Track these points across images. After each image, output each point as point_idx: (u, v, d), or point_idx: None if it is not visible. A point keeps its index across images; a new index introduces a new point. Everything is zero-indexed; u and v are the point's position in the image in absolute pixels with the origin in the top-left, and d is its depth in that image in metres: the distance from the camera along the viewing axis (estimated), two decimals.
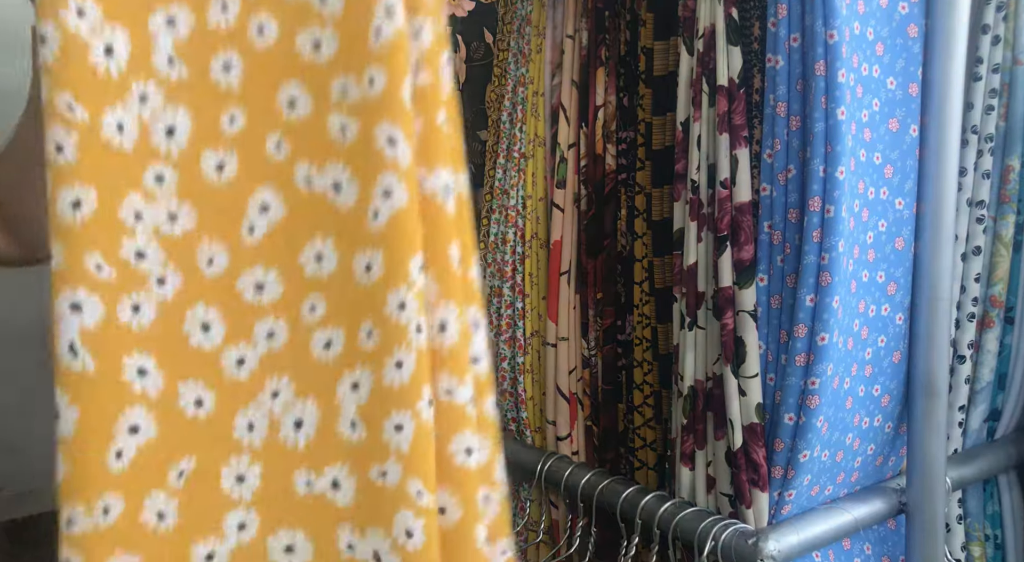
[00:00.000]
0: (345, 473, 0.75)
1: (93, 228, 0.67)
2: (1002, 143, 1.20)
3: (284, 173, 0.74)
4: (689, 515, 1.10)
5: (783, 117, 1.03)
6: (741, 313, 1.05)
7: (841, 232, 1.01)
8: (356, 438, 0.74)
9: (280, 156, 0.73)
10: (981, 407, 1.26)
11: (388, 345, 0.72)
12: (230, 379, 0.75)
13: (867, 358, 1.10)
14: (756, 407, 1.06)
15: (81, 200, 0.66)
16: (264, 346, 0.75)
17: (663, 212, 1.17)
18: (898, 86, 1.08)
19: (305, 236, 0.74)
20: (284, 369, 0.75)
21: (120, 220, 0.69)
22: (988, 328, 1.23)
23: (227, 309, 0.74)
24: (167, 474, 0.73)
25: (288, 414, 0.76)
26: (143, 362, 0.70)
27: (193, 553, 0.75)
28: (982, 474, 1.27)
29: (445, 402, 0.75)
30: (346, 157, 0.72)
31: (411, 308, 0.72)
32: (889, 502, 1.16)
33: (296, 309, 0.75)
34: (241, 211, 0.74)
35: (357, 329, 0.73)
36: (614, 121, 1.21)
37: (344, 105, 0.71)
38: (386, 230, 0.71)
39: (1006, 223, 1.21)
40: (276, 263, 0.75)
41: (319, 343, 0.75)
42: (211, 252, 0.74)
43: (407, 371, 0.72)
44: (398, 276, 0.71)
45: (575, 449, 1.29)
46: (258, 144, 0.74)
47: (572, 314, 1.27)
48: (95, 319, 0.67)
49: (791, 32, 1.02)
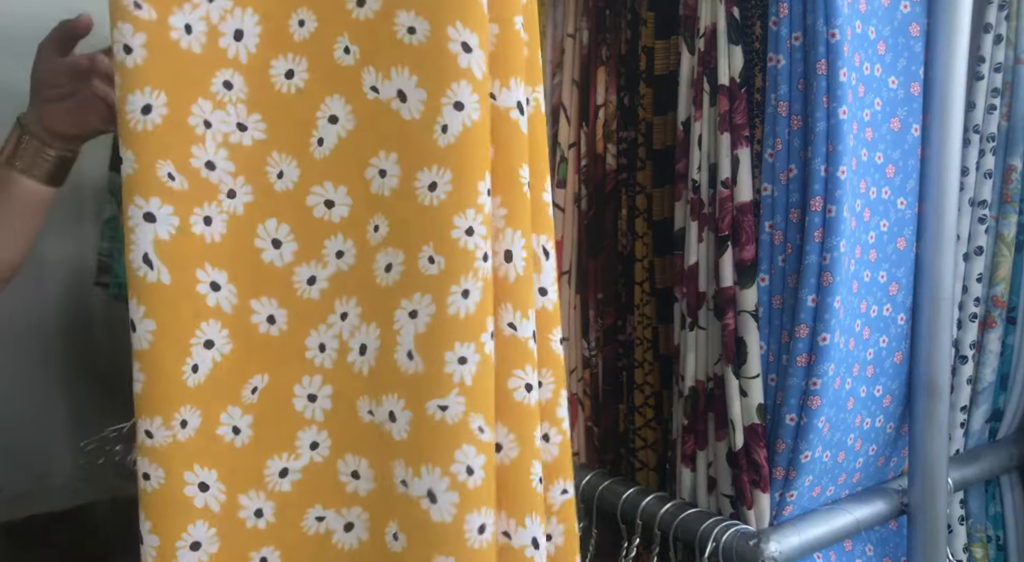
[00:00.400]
0: (401, 406, 0.71)
1: (164, 134, 0.65)
2: (1004, 143, 1.20)
3: (353, 80, 0.69)
4: (690, 516, 1.10)
5: (784, 116, 1.03)
6: (742, 313, 1.05)
7: (843, 232, 1.01)
8: (413, 370, 0.70)
9: (349, 61, 0.69)
10: (983, 407, 1.25)
11: (454, 272, 0.68)
12: (302, 298, 0.72)
13: (869, 358, 1.10)
14: (757, 408, 1.05)
15: (151, 105, 0.64)
16: (334, 266, 0.73)
17: (664, 212, 1.16)
18: (900, 85, 1.07)
19: (372, 149, 0.70)
20: (352, 291, 0.73)
21: (190, 127, 0.66)
22: (990, 328, 1.23)
23: (298, 225, 0.71)
24: (241, 390, 0.72)
25: (354, 338, 0.73)
26: (216, 276, 0.69)
27: (267, 468, 0.74)
28: (984, 475, 1.26)
29: (507, 335, 0.71)
30: (414, 62, 0.67)
31: (479, 234, 0.67)
32: (891, 503, 1.16)
33: (363, 228, 0.71)
34: (311, 121, 0.70)
35: (417, 253, 0.69)
36: (615, 121, 1.21)
37: (414, 1, 0.66)
38: (457, 145, 0.66)
39: (1008, 223, 1.21)
40: (345, 178, 0.71)
41: (381, 266, 0.71)
42: (281, 164, 0.71)
43: (473, 301, 0.68)
44: (466, 198, 0.66)
45: (576, 450, 1.29)
46: (327, 49, 0.69)
47: (573, 314, 1.27)
48: (169, 230, 0.65)
49: (792, 31, 1.01)
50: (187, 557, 0.70)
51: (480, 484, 0.69)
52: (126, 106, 0.63)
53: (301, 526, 0.76)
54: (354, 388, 0.74)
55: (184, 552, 0.70)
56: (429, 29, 0.66)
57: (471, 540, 0.69)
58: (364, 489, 0.75)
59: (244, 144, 0.69)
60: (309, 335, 0.74)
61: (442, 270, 0.68)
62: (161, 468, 0.68)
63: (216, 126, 0.68)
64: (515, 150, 0.70)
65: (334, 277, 0.73)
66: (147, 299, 0.66)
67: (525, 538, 0.73)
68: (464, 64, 0.65)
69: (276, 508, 0.75)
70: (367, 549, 0.76)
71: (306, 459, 0.75)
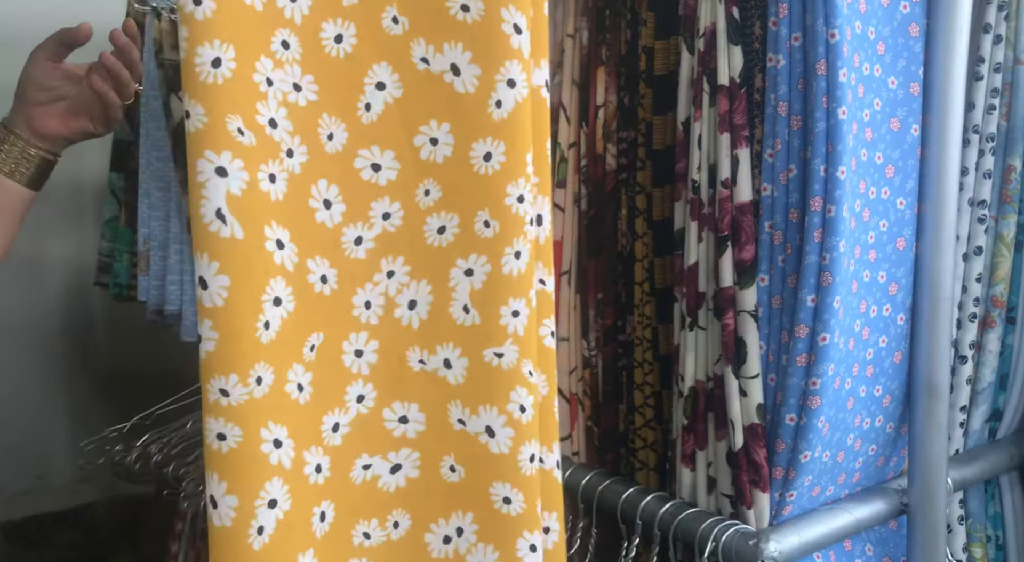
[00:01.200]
0: (457, 355, 0.78)
1: (233, 89, 0.65)
2: (1003, 143, 1.20)
3: (401, 50, 0.73)
4: (690, 516, 1.10)
5: (784, 117, 1.03)
6: (742, 313, 1.05)
7: (842, 232, 1.01)
8: (470, 322, 0.78)
9: (397, 31, 0.72)
10: (983, 407, 1.25)
11: (507, 235, 0.74)
12: (349, 257, 0.76)
13: (868, 358, 1.10)
14: (757, 408, 1.05)
15: (220, 58, 0.64)
16: (380, 227, 0.77)
17: (664, 212, 1.16)
18: (899, 85, 1.07)
19: (421, 118, 0.74)
20: (400, 250, 0.77)
21: (255, 84, 0.67)
22: (989, 328, 1.23)
23: (346, 187, 0.75)
24: (303, 348, 0.74)
25: (402, 295, 0.78)
26: (281, 234, 0.71)
27: (323, 424, 0.77)
28: (984, 475, 1.26)
29: (540, 290, 0.80)
30: (468, 39, 0.71)
31: (527, 200, 0.74)
32: (890, 503, 1.16)
33: (411, 191, 0.76)
34: (359, 86, 0.73)
35: (473, 217, 0.75)
36: (615, 121, 1.21)
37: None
38: (509, 120, 0.71)
39: (1007, 223, 1.21)
40: (392, 144, 0.75)
41: (433, 227, 0.77)
42: (331, 127, 0.74)
43: (524, 261, 0.75)
44: (518, 168, 0.73)
45: (576, 450, 1.29)
46: (375, 17, 0.72)
47: (572, 314, 1.27)
48: (240, 185, 0.66)
49: (792, 31, 1.02)
50: (265, 515, 0.71)
51: (530, 420, 0.78)
52: (195, 58, 0.64)
53: (350, 476, 0.80)
54: (403, 341, 0.79)
55: (263, 510, 0.71)
56: (484, 9, 0.71)
57: (524, 468, 0.78)
58: (414, 431, 0.80)
59: (300, 104, 0.71)
60: (356, 293, 0.77)
61: (497, 233, 0.75)
62: (238, 426, 0.69)
63: (277, 85, 0.69)
64: (543, 124, 0.76)
65: (380, 237, 0.77)
66: (221, 254, 0.66)
67: (552, 462, 0.84)
68: (515, 45, 0.70)
69: (331, 462, 0.78)
70: (418, 484, 0.81)
71: (353, 412, 0.79)
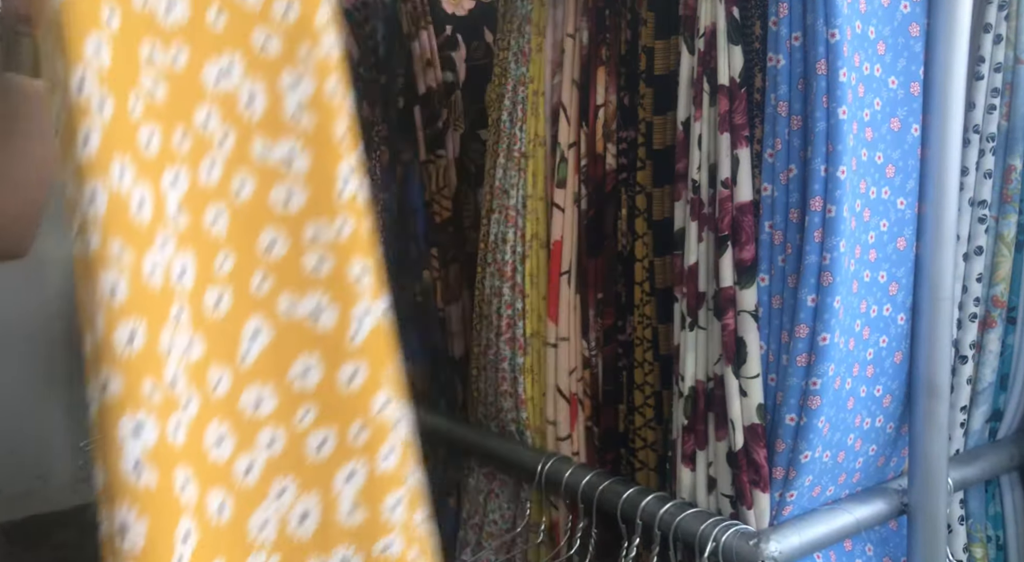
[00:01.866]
0: (352, 552, 0.88)
1: (145, 357, 0.77)
2: (1004, 142, 1.20)
3: (269, 304, 0.87)
4: (690, 516, 1.10)
5: (784, 116, 1.03)
6: (742, 313, 1.05)
7: (842, 232, 1.01)
8: (358, 520, 0.88)
9: (264, 290, 0.87)
10: (983, 407, 1.25)
11: (378, 439, 0.87)
12: (242, 485, 0.86)
13: (869, 358, 1.10)
14: (757, 408, 1.05)
15: (135, 333, 0.76)
16: (266, 452, 0.87)
17: (664, 212, 1.16)
18: (900, 85, 1.07)
19: (292, 355, 0.87)
20: (287, 470, 0.87)
21: (161, 350, 0.79)
22: (990, 328, 1.23)
23: (234, 424, 0.86)
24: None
25: (294, 510, 0.88)
26: (185, 474, 0.80)
27: None
28: (984, 475, 1.26)
29: (412, 486, 0.91)
30: (324, 287, 0.86)
31: (392, 406, 0.87)
32: (891, 503, 1.16)
33: (290, 417, 0.87)
34: (237, 338, 0.86)
35: (347, 429, 0.87)
36: (615, 120, 1.21)
37: (318, 244, 0.86)
38: (366, 345, 0.86)
39: (1008, 223, 1.21)
40: (270, 380, 0.87)
41: (313, 444, 0.88)
42: (218, 375, 0.85)
43: (394, 459, 0.87)
44: (380, 381, 0.86)
45: (576, 450, 1.29)
46: (245, 281, 0.87)
47: (572, 314, 1.27)
48: (153, 438, 0.76)
49: (792, 31, 1.01)
50: None
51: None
52: (114, 335, 0.76)
53: None
54: (302, 552, 0.88)
55: None
56: (334, 264, 0.86)
57: None
58: None
59: (192, 360, 0.83)
60: (251, 517, 0.87)
61: (368, 439, 0.86)
62: None
63: (175, 348, 0.81)
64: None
65: (268, 461, 0.87)
66: (139, 503, 0.76)
67: None
68: (364, 285, 0.85)
69: None
70: None
71: None
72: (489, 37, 1.54)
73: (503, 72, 1.33)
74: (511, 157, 1.31)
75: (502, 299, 1.32)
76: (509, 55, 1.31)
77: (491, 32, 1.52)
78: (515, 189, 1.30)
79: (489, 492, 1.40)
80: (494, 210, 1.34)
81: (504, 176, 1.32)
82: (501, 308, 1.32)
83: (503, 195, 1.32)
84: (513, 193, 1.30)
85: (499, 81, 1.34)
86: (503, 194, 1.32)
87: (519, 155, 1.30)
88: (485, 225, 1.36)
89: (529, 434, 1.33)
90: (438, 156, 1.46)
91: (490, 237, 1.34)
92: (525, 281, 1.30)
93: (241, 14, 0.83)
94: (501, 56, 1.33)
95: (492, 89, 1.36)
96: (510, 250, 1.31)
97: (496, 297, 1.33)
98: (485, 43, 1.54)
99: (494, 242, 1.33)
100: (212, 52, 0.82)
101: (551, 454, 1.29)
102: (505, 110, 1.32)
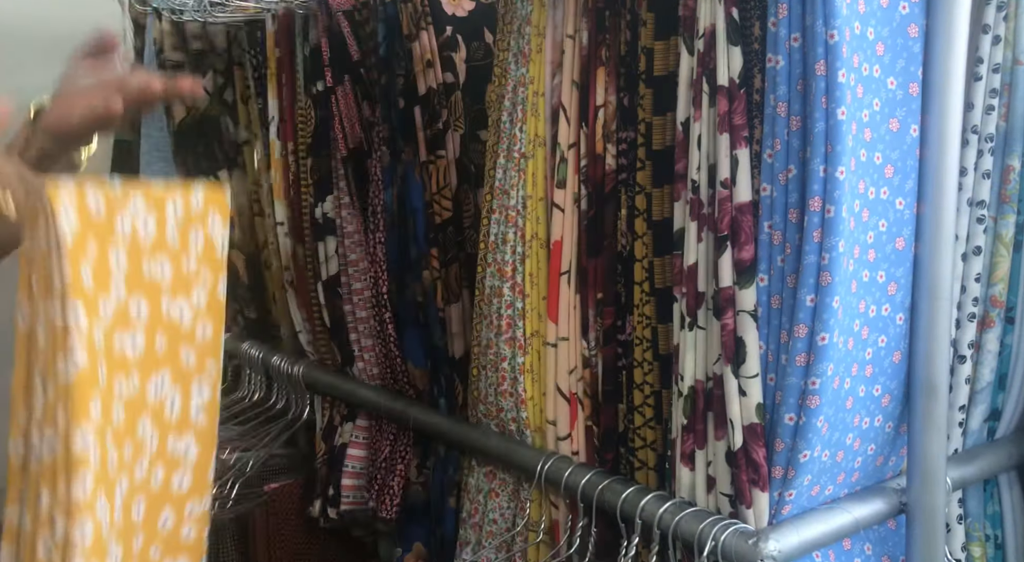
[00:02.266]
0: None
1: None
2: (1002, 143, 1.20)
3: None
4: (689, 515, 1.10)
5: (783, 117, 1.03)
6: (741, 313, 1.05)
7: (841, 232, 1.01)
8: None
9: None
10: (981, 407, 1.26)
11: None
12: None
13: (867, 358, 1.10)
14: (756, 407, 1.06)
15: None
16: None
17: (663, 212, 1.17)
18: (899, 86, 1.08)
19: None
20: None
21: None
22: (988, 328, 1.23)
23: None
24: None
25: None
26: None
27: None
28: (983, 474, 1.27)
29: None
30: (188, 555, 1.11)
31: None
32: (889, 502, 1.16)
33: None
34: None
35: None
36: (614, 121, 1.21)
37: (192, 518, 1.11)
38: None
39: (1006, 223, 1.21)
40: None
41: None
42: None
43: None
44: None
45: (575, 449, 1.29)
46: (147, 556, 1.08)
47: (572, 314, 1.27)
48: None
49: (791, 32, 1.02)
50: None
51: None
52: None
53: None
54: None
55: None
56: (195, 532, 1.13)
57: None
58: None
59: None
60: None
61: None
62: None
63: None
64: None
65: None
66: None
67: None
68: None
69: None
70: None
71: None
72: (489, 38, 1.54)
73: (503, 73, 1.33)
74: (511, 158, 1.31)
75: (502, 299, 1.32)
76: (509, 56, 1.32)
77: (491, 33, 1.52)
78: (515, 189, 1.30)
79: (489, 491, 1.40)
80: (494, 210, 1.34)
81: (504, 176, 1.32)
82: (501, 308, 1.32)
83: (503, 195, 1.32)
84: (513, 193, 1.31)
85: (499, 82, 1.34)
86: (503, 194, 1.32)
87: (519, 156, 1.30)
88: (485, 225, 1.36)
89: (529, 433, 1.33)
90: (438, 156, 1.46)
91: (490, 237, 1.34)
92: (525, 281, 1.30)
93: (176, 335, 1.04)
94: (501, 57, 1.34)
95: (492, 90, 1.36)
96: (510, 250, 1.31)
97: (496, 297, 1.33)
98: (485, 44, 1.54)
99: (494, 242, 1.33)
100: (152, 371, 1.03)
101: (551, 453, 1.30)
102: (505, 111, 1.32)
